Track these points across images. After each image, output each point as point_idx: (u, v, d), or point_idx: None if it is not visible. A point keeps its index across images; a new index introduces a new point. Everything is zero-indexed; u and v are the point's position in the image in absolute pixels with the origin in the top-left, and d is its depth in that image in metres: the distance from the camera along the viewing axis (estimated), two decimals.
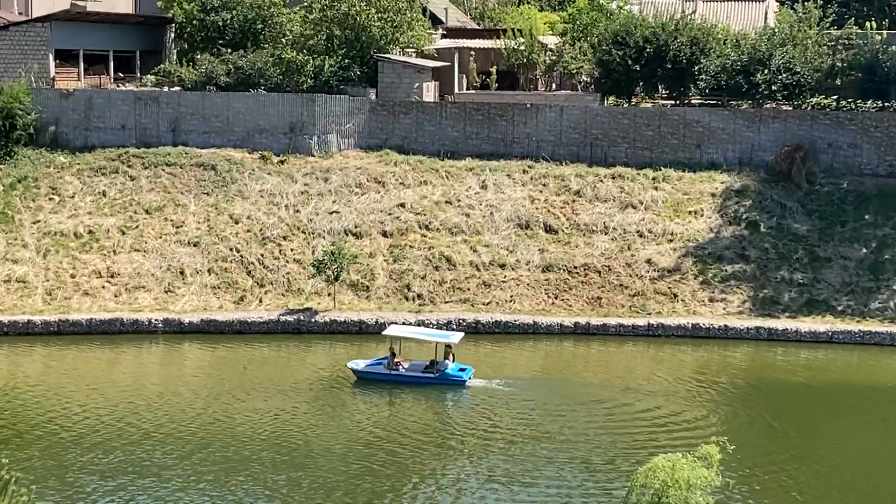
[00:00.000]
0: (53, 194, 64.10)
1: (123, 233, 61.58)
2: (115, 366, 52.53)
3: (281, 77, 69.88)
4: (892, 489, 38.26)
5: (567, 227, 62.32)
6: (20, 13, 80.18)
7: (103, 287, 58.53)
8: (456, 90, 75.78)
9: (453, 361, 49.49)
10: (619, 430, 43.78)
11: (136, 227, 61.75)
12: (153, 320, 55.22)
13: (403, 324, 55.54)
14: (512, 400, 48.28)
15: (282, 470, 38.80)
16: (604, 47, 70.82)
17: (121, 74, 77.29)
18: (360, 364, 49.62)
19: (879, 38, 67.66)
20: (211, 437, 41.95)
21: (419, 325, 55.54)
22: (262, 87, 70.80)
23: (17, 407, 45.56)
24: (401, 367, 49.03)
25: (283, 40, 73.08)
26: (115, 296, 57.77)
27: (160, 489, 36.28)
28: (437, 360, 49.10)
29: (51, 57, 71.49)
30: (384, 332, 51.46)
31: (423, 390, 48.96)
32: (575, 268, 60.00)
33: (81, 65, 74.82)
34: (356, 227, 62.14)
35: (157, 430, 42.53)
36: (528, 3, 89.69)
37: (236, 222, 62.46)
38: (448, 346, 49.69)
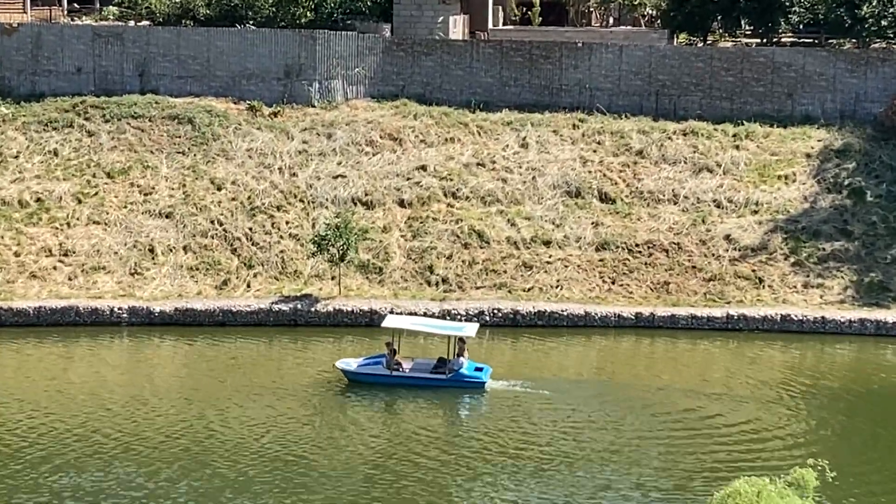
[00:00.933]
0: None
1: (80, 201, 59.25)
2: (71, 365, 50.31)
3: (274, 9, 68.51)
4: None
5: (627, 196, 60.22)
6: None
7: (55, 268, 56.38)
8: (490, 25, 73.48)
9: (467, 359, 48.32)
10: (689, 445, 41.80)
11: (96, 194, 59.51)
12: (116, 309, 53.21)
13: (412, 314, 53.69)
14: (547, 408, 46.52)
15: (287, 494, 37.99)
16: None
17: (76, 6, 76.36)
18: (352, 363, 48.06)
19: None
20: (190, 452, 41.12)
21: (443, 316, 53.86)
22: (251, 22, 68.80)
23: None
24: (402, 367, 47.93)
25: None
26: (70, 279, 55.96)
27: None
28: (447, 357, 47.95)
29: None
30: (383, 324, 49.73)
31: (432, 394, 47.74)
32: (636, 246, 58.02)
33: None
34: (367, 194, 60.10)
35: (125, 444, 41.52)
36: None
37: (219, 188, 59.97)
38: (461, 339, 48.15)
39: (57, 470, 39.95)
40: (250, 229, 59.69)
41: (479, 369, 48.01)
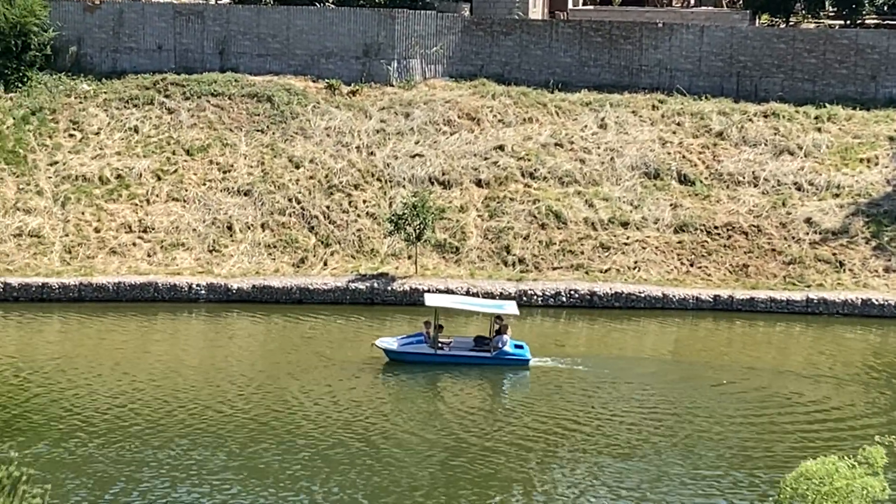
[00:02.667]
0: (75, 130, 61.98)
1: (159, 178, 59.39)
2: (148, 340, 50.17)
3: None
4: None
5: (707, 178, 59.68)
6: None
7: (134, 244, 56.39)
8: (570, 5, 73.72)
9: (510, 336, 48.16)
10: (765, 424, 41.98)
11: (175, 171, 59.76)
12: (194, 286, 53.49)
13: (450, 292, 53.88)
14: (604, 385, 46.19)
15: (375, 472, 37.61)
16: None
17: None
18: (393, 342, 47.98)
19: None
20: (266, 428, 40.63)
21: (520, 296, 52.86)
22: (330, 1, 69.35)
23: (29, 388, 43.69)
24: (445, 345, 48.12)
25: None
26: (149, 255, 55.94)
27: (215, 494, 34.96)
28: (485, 335, 48.29)
29: None
30: (427, 303, 49.78)
31: (476, 373, 47.85)
32: (716, 228, 57.36)
33: None
34: (444, 174, 59.75)
35: (203, 419, 41.23)
36: None
37: (297, 167, 60.01)
38: (500, 318, 48.38)
39: (145, 444, 39.13)
40: (328, 207, 58.99)
41: (519, 346, 47.89)
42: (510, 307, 48.70)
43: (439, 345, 47.80)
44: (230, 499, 35.27)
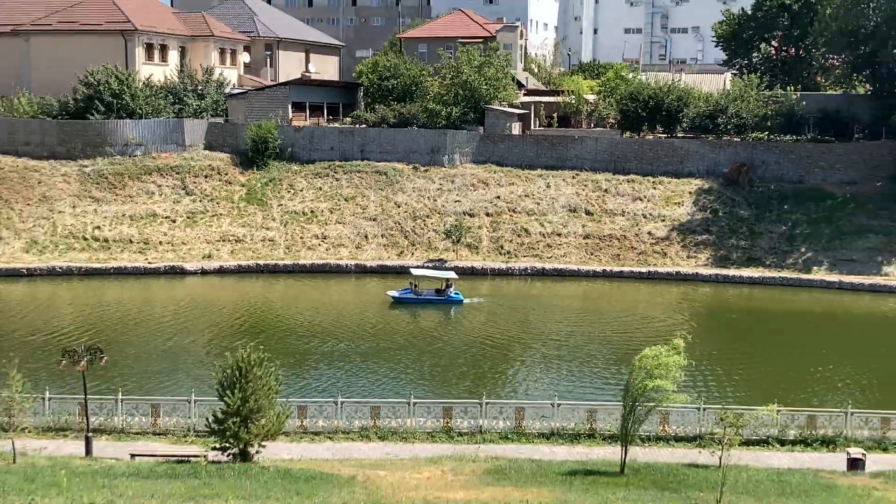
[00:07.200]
0: (290, 188, 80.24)
1: (331, 212, 78.20)
2: (325, 293, 67.51)
3: (426, 119, 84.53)
4: (800, 370, 49.22)
5: (599, 212, 77.69)
6: (272, 80, 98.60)
7: (319, 244, 75.54)
8: (532, 127, 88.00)
9: (453, 290, 61.40)
10: (624, 334, 55.27)
11: (339, 209, 78.33)
12: (348, 264, 72.22)
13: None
14: (506, 312, 59.37)
15: (418, 358, 50.64)
16: (623, 102, 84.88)
17: (330, 117, 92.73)
18: (396, 293, 61.85)
19: (795, 97, 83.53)
20: (377, 335, 55.28)
21: (508, 270, 68.83)
22: (415, 125, 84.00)
23: (264, 315, 59.72)
24: (420, 294, 60.84)
25: (427, 97, 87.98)
26: (326, 250, 74.79)
27: (369, 369, 48.21)
28: (440, 288, 61.80)
29: (289, 107, 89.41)
30: (412, 273, 63.35)
31: (435, 308, 61.35)
32: (603, 236, 75.51)
33: (307, 111, 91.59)
34: (470, 210, 77.24)
35: (350, 332, 54.99)
36: (576, 73, 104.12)
37: (398, 206, 78.06)
38: (448, 280, 61.81)
39: (323, 342, 52.56)
40: (413, 227, 76.54)
41: (457, 293, 61.30)
42: (451, 274, 62.26)
43: (418, 293, 60.71)
44: (344, 373, 47.62)
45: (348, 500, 25.92)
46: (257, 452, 33.90)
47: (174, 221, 77.27)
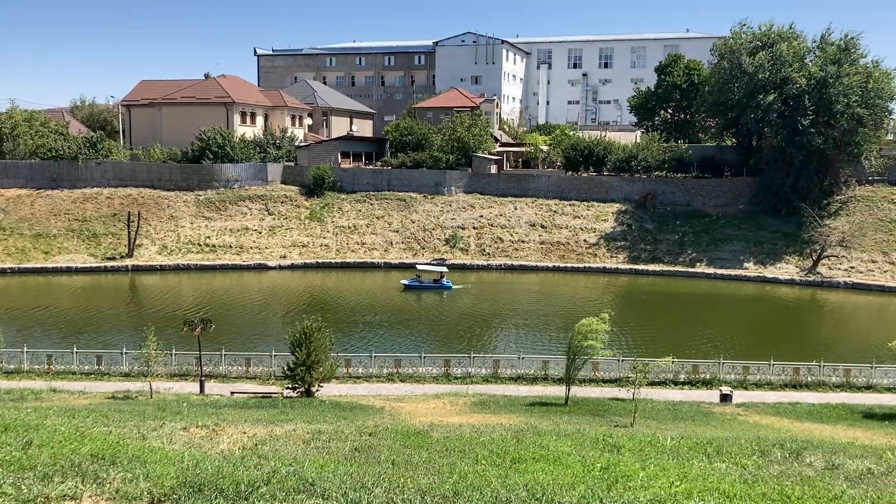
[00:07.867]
0: (338, 211, 79.15)
1: (367, 226, 76.94)
2: (363, 282, 64.68)
3: (432, 162, 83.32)
4: (688, 333, 48.45)
5: (550, 226, 76.71)
6: (327, 136, 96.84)
7: (359, 248, 74.13)
8: (505, 168, 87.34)
9: (445, 279, 60.39)
10: (567, 310, 53.53)
11: (372, 224, 77.04)
12: (379, 262, 71.28)
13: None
14: (481, 294, 57.58)
15: (426, 326, 50.00)
16: (567, 150, 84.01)
17: (367, 161, 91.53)
18: (406, 281, 60.84)
19: (684, 147, 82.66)
20: (396, 310, 53.50)
21: (488, 266, 67.28)
22: (425, 167, 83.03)
23: (321, 297, 58.97)
24: (423, 282, 59.87)
25: (433, 147, 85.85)
26: (364, 252, 73.13)
27: (404, 335, 46.45)
28: (437, 279, 60.96)
29: (338, 154, 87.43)
30: (417, 267, 63.14)
31: (434, 292, 59.83)
32: (553, 243, 74.39)
33: (351, 157, 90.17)
34: (462, 224, 76.19)
35: (378, 308, 53.37)
36: (535, 131, 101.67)
37: (413, 222, 76.98)
38: (441, 273, 61.24)
39: (366, 313, 53.16)
40: (424, 236, 74.15)
41: (448, 282, 59.90)
42: (444, 269, 61.33)
43: (421, 281, 59.69)
44: (375, 336, 46.18)
45: (379, 422, 25.65)
46: (317, 391, 33.78)
47: (260, 233, 75.97)
